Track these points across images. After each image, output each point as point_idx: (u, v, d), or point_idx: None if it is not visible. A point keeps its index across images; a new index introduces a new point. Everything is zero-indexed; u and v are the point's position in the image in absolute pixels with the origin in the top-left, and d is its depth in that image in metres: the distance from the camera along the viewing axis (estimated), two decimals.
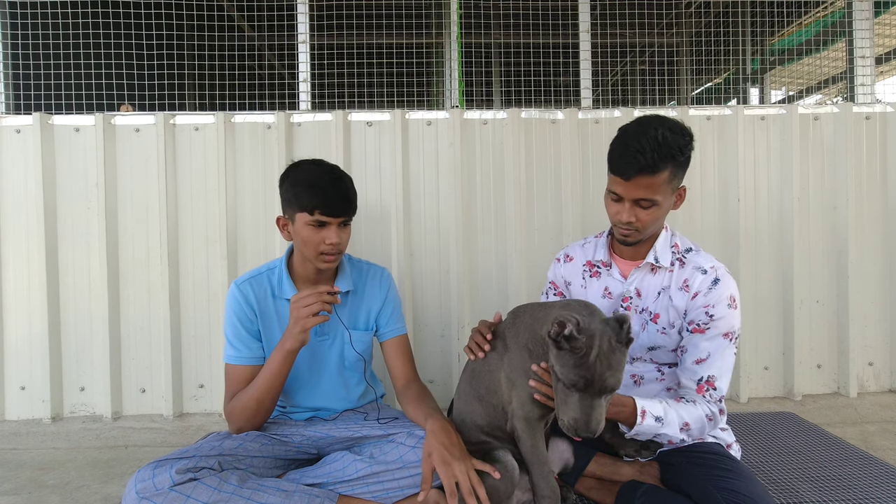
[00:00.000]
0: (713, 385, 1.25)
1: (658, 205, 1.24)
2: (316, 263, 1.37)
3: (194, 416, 2.21)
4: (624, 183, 1.22)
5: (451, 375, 2.27)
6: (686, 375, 1.28)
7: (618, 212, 1.27)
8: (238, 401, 1.33)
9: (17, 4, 2.38)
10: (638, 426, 1.18)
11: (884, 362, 2.32)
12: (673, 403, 1.23)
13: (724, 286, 1.27)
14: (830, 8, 3.05)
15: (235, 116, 2.23)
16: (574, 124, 2.25)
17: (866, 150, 2.30)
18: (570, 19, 2.47)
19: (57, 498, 1.55)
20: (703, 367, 1.26)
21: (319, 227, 1.32)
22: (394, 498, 1.25)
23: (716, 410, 1.24)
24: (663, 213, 1.28)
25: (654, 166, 1.18)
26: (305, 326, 1.24)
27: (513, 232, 2.23)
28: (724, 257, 2.26)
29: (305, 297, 1.24)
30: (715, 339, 1.26)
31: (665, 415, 1.19)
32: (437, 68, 3.98)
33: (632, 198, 1.23)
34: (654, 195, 1.21)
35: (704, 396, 1.24)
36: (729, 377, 1.27)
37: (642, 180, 1.20)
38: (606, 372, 1.01)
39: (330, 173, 1.34)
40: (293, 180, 1.34)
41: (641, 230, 1.27)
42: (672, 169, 1.21)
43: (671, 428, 1.20)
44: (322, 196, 1.30)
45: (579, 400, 1.03)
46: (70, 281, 2.20)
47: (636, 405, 1.19)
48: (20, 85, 2.35)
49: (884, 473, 1.55)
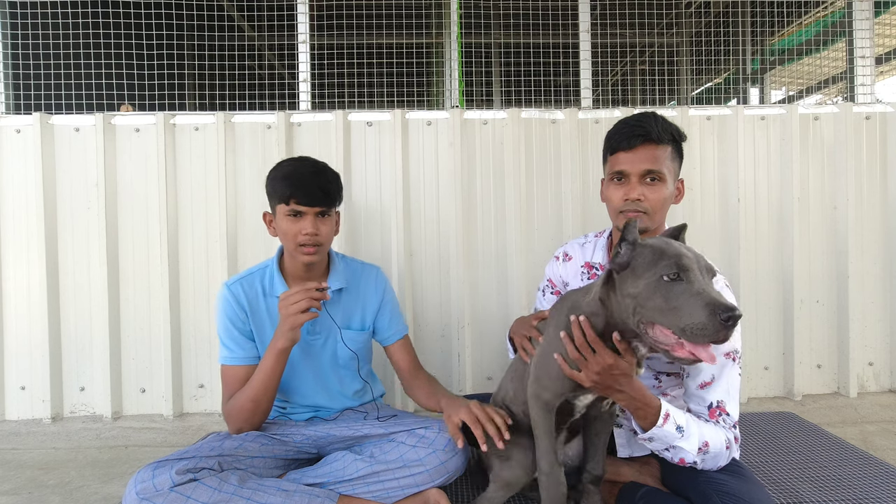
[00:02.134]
0: (725, 410, 1.17)
1: (664, 182, 1.21)
2: (296, 256, 1.37)
3: (194, 416, 2.21)
4: (629, 155, 1.21)
5: (451, 375, 2.27)
6: (694, 402, 1.20)
7: (625, 192, 1.23)
8: (235, 402, 1.33)
9: (17, 4, 2.38)
10: (657, 428, 1.10)
11: (884, 362, 2.32)
12: (694, 419, 1.15)
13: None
14: (830, 8, 3.05)
15: (235, 116, 2.23)
16: (574, 124, 2.25)
17: (866, 150, 2.30)
18: (570, 19, 2.47)
19: (57, 498, 1.55)
20: (709, 392, 1.18)
21: (296, 217, 1.33)
22: (394, 497, 1.25)
23: (731, 437, 1.16)
24: (669, 199, 1.25)
25: (659, 137, 1.19)
26: (294, 324, 1.24)
27: (513, 232, 2.23)
28: (724, 257, 2.27)
29: (293, 295, 1.24)
30: (717, 359, 1.20)
31: (687, 426, 1.11)
32: (437, 68, 3.98)
33: (638, 171, 1.20)
34: (660, 167, 1.20)
35: (719, 422, 1.16)
36: (738, 400, 1.19)
37: (647, 150, 1.20)
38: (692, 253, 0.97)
39: (309, 165, 1.36)
40: (273, 175, 1.37)
41: (650, 213, 1.22)
42: (673, 149, 1.22)
43: (690, 442, 1.11)
44: (297, 185, 1.31)
45: (686, 291, 0.92)
46: (70, 281, 2.20)
47: (662, 406, 1.11)
48: (20, 85, 2.35)
49: (884, 473, 1.54)
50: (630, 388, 1.09)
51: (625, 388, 1.08)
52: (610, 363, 1.05)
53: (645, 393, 1.10)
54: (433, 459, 1.25)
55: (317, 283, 1.26)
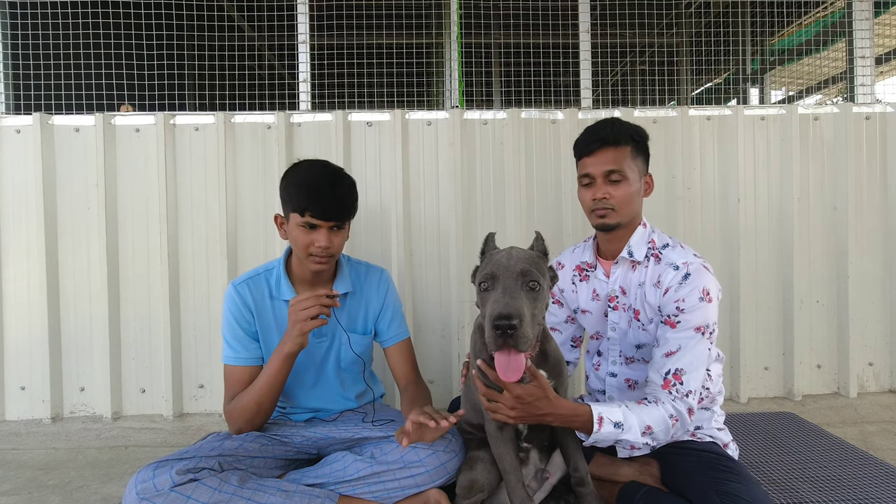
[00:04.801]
0: (680, 379, 1.19)
1: (627, 180, 1.30)
2: (307, 265, 1.36)
3: (194, 417, 2.21)
4: (591, 160, 1.31)
5: (451, 375, 2.27)
6: (654, 369, 1.23)
7: (592, 193, 1.33)
8: (238, 402, 1.33)
9: (17, 4, 2.38)
10: (596, 434, 1.12)
11: (884, 362, 2.32)
12: (634, 406, 1.17)
13: (695, 279, 1.23)
14: (830, 8, 3.05)
15: (235, 116, 2.23)
16: (574, 124, 2.24)
17: (866, 150, 2.30)
18: (570, 19, 2.47)
19: (57, 498, 1.55)
20: (671, 360, 1.20)
21: (310, 229, 1.31)
22: (395, 498, 1.25)
23: (682, 409, 1.17)
24: (635, 195, 1.31)
25: (616, 140, 1.29)
26: (304, 330, 1.23)
27: (513, 232, 2.23)
28: (724, 257, 2.27)
29: (303, 301, 1.23)
30: (685, 331, 1.21)
31: (625, 419, 1.13)
32: (437, 68, 3.98)
33: (601, 171, 1.30)
34: (621, 167, 1.29)
35: (671, 392, 1.18)
36: (701, 374, 1.20)
37: (607, 153, 1.29)
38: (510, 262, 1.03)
39: (327, 176, 1.32)
40: (290, 179, 1.33)
41: (617, 209, 1.30)
42: (633, 148, 1.31)
43: (632, 433, 1.13)
44: (314, 198, 1.28)
45: (489, 299, 1.01)
46: (70, 281, 2.20)
47: (592, 412, 1.13)
48: (20, 85, 2.35)
49: (884, 473, 1.55)
50: (552, 408, 1.10)
51: (548, 410, 1.10)
52: (518, 394, 1.07)
53: (570, 406, 1.13)
54: (433, 460, 1.25)
55: (327, 290, 1.25)
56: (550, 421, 1.13)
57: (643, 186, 1.35)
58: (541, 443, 1.30)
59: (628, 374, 1.41)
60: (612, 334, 1.40)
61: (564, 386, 1.23)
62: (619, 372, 1.42)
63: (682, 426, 1.19)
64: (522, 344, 0.96)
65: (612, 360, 1.42)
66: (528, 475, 1.28)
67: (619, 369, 1.42)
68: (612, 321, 1.39)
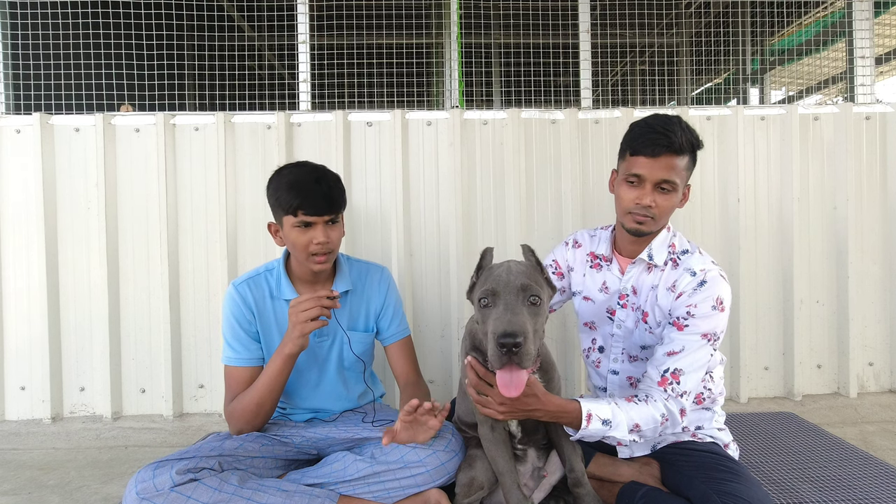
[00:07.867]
0: (677, 379, 1.19)
1: (676, 191, 1.25)
2: (309, 265, 1.36)
3: (194, 417, 2.21)
4: (649, 162, 1.23)
5: (451, 375, 2.27)
6: (653, 365, 1.23)
7: (638, 196, 1.25)
8: (238, 403, 1.33)
9: (17, 4, 2.38)
10: (583, 430, 1.14)
11: (884, 362, 2.32)
12: (623, 404, 1.18)
13: (711, 288, 1.22)
14: (830, 8, 3.05)
15: (235, 116, 2.23)
16: (574, 124, 2.25)
17: (866, 150, 2.30)
18: (570, 19, 2.47)
19: (57, 498, 1.55)
20: (672, 360, 1.20)
21: (305, 227, 1.31)
22: (395, 498, 1.25)
23: (675, 409, 1.18)
24: (675, 206, 1.28)
25: (682, 148, 1.22)
26: (304, 331, 1.24)
27: (513, 232, 2.23)
28: (724, 257, 2.27)
29: (304, 302, 1.23)
30: (692, 335, 1.21)
31: (613, 416, 1.15)
32: (437, 68, 3.98)
33: (655, 179, 1.23)
34: (676, 178, 1.23)
35: (665, 390, 1.19)
36: (699, 378, 1.21)
37: (668, 160, 1.22)
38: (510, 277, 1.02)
39: (310, 172, 1.33)
40: (275, 185, 1.34)
41: (657, 218, 1.26)
42: (690, 159, 1.26)
43: (619, 430, 1.15)
44: (303, 195, 1.29)
45: (490, 316, 1.01)
46: (70, 281, 2.20)
47: (581, 409, 1.14)
48: (20, 85, 2.35)
49: (884, 473, 1.55)
50: (541, 404, 1.11)
51: (537, 407, 1.11)
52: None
53: (559, 403, 1.13)
54: (433, 460, 1.25)
55: (328, 291, 1.25)
56: (539, 416, 1.14)
57: (682, 197, 1.31)
58: (538, 443, 1.30)
59: (631, 371, 1.40)
60: (617, 332, 1.40)
61: (554, 383, 1.24)
62: (621, 370, 1.42)
63: (672, 426, 1.19)
64: (526, 361, 0.97)
65: (613, 358, 1.42)
66: (526, 474, 1.28)
67: (622, 367, 1.41)
68: (618, 319, 1.39)
